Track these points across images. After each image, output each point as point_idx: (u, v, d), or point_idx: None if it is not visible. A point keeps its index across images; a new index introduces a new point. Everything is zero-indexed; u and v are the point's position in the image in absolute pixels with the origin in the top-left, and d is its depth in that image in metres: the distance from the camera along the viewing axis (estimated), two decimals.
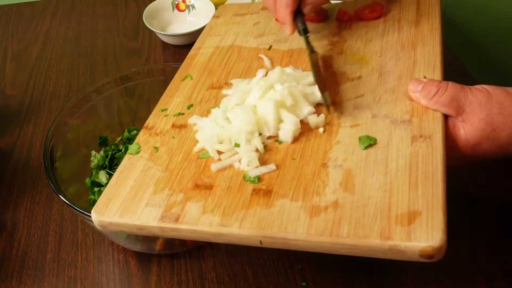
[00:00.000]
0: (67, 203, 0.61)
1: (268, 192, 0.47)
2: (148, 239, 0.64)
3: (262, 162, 0.51)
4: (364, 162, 0.48)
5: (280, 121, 0.54)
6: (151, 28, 1.04)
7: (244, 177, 0.49)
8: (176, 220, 0.46)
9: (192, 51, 0.70)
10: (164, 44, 1.08)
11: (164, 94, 0.63)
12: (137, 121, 0.81)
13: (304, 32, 0.64)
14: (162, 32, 1.04)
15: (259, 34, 0.71)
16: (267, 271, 0.65)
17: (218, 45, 0.70)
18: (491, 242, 0.66)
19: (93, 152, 0.76)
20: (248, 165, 0.50)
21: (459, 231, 0.54)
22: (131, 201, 0.49)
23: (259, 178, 0.49)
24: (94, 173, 0.74)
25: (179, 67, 0.78)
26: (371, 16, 0.67)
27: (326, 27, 0.69)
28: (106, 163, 0.75)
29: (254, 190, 0.48)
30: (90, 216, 0.59)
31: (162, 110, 0.60)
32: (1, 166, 0.83)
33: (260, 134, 0.54)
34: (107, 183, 0.71)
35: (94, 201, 0.70)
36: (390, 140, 0.49)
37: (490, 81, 0.54)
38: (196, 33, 0.95)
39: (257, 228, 0.44)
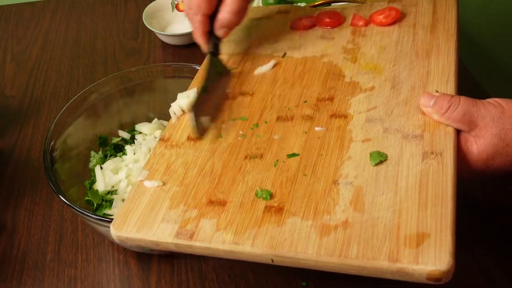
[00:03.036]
0: (67, 203, 0.60)
1: (279, 210, 0.47)
2: None
3: (274, 179, 0.50)
4: (374, 180, 0.47)
5: None
6: (150, 28, 1.04)
7: (256, 194, 0.49)
8: (191, 237, 0.46)
9: (206, 59, 0.68)
10: (164, 44, 1.08)
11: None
12: (137, 121, 0.81)
13: (213, 54, 0.64)
14: (161, 32, 1.04)
15: (273, 40, 0.69)
16: (268, 271, 0.65)
17: (233, 52, 0.69)
18: (494, 246, 0.66)
19: (93, 153, 0.76)
20: None
21: (463, 235, 0.54)
22: (148, 216, 0.49)
23: (271, 195, 0.49)
24: (93, 174, 0.74)
25: (179, 67, 0.78)
26: (386, 22, 0.66)
27: (341, 33, 0.67)
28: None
29: (266, 207, 0.48)
30: (90, 216, 0.59)
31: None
32: (1, 166, 0.83)
33: None
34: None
35: (90, 201, 0.70)
36: (401, 156, 0.49)
37: (490, 82, 0.54)
38: None
39: (268, 247, 0.44)
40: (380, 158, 0.49)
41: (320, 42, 0.67)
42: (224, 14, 0.62)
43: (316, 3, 0.93)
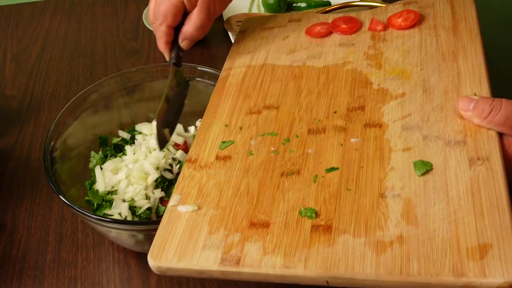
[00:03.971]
0: (67, 204, 0.60)
1: (328, 228, 0.45)
2: (149, 239, 0.64)
3: (317, 196, 0.48)
4: (423, 190, 0.46)
5: None
6: (150, 28, 1.04)
7: (300, 213, 0.47)
8: (237, 263, 0.44)
9: (223, 73, 0.67)
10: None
11: (202, 122, 0.61)
12: (137, 121, 0.81)
13: (175, 65, 0.67)
14: None
15: (290, 49, 0.68)
16: None
17: (250, 64, 0.67)
18: None
19: (93, 153, 0.76)
20: None
21: None
22: (187, 243, 0.47)
23: (316, 213, 0.47)
24: (93, 174, 0.74)
25: None
26: (405, 25, 0.65)
27: (360, 39, 0.66)
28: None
29: (313, 226, 0.46)
30: (90, 216, 0.59)
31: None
32: (1, 166, 0.82)
33: None
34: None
35: (90, 201, 0.70)
36: (446, 164, 0.47)
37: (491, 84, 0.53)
38: None
39: (322, 268, 0.42)
40: (425, 168, 0.48)
41: (340, 49, 0.65)
42: (188, 28, 0.66)
43: (327, 9, 0.93)
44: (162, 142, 0.62)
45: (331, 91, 0.60)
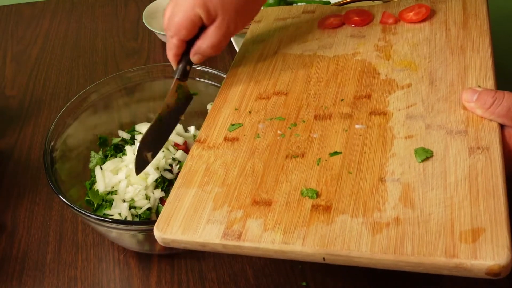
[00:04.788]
0: (67, 204, 0.60)
1: (327, 208, 0.47)
2: (149, 239, 0.64)
3: (319, 178, 0.50)
4: (422, 176, 0.47)
5: None
6: (150, 29, 1.04)
7: (301, 193, 0.49)
8: (239, 237, 0.46)
9: (235, 60, 0.69)
10: (164, 44, 1.08)
11: (213, 105, 0.62)
12: (137, 121, 0.81)
13: (178, 79, 0.64)
14: (161, 33, 1.04)
15: (302, 39, 0.69)
16: (268, 271, 0.65)
17: (262, 52, 0.69)
18: None
19: (93, 153, 0.76)
20: None
21: None
22: (192, 217, 0.49)
23: (317, 193, 0.48)
24: (93, 174, 0.74)
25: None
26: (416, 19, 0.66)
27: (371, 31, 0.67)
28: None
29: (313, 206, 0.47)
30: (90, 217, 0.59)
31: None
32: (1, 167, 0.83)
33: None
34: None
35: (90, 201, 0.70)
36: (446, 152, 0.49)
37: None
38: None
39: (320, 245, 0.44)
40: (426, 155, 0.49)
41: (351, 40, 0.67)
42: (203, 44, 0.61)
43: (342, 2, 0.93)
44: (141, 166, 0.62)
45: (339, 80, 0.61)
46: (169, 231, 0.48)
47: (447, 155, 0.48)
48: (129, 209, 0.68)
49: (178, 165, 0.72)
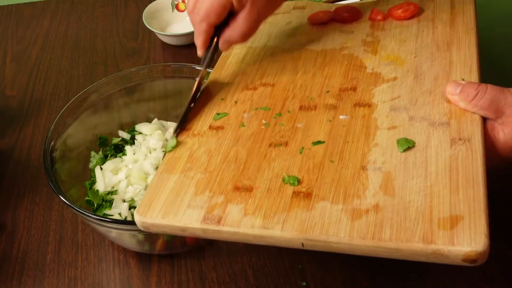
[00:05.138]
0: (67, 204, 0.60)
1: (308, 195, 0.47)
2: (149, 239, 0.64)
3: (301, 166, 0.50)
4: (403, 165, 0.48)
5: None
6: (150, 29, 1.04)
7: (283, 180, 0.49)
8: (218, 222, 0.47)
9: (224, 52, 0.69)
10: (164, 44, 1.08)
11: (199, 96, 0.62)
12: (137, 121, 0.81)
13: (205, 65, 0.62)
14: (161, 33, 1.04)
15: (291, 34, 0.70)
16: (268, 271, 0.65)
17: (251, 45, 0.69)
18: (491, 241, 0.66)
19: (93, 153, 0.76)
20: None
21: None
22: (173, 202, 0.49)
23: (298, 181, 0.49)
24: (93, 174, 0.74)
25: (179, 67, 0.78)
26: (404, 16, 0.67)
27: (359, 27, 0.68)
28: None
29: (294, 192, 0.48)
30: (90, 217, 0.59)
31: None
32: (1, 167, 0.83)
33: None
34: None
35: (90, 201, 0.70)
36: (428, 142, 0.49)
37: (490, 80, 0.54)
38: None
39: (298, 230, 0.44)
40: (407, 145, 0.49)
41: (339, 35, 0.68)
42: (233, 32, 0.59)
43: (332, 0, 0.93)
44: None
45: (326, 72, 0.62)
46: (149, 215, 0.49)
47: (429, 146, 0.49)
48: (129, 209, 0.68)
49: None
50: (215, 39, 0.61)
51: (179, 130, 0.58)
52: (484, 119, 0.51)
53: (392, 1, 0.71)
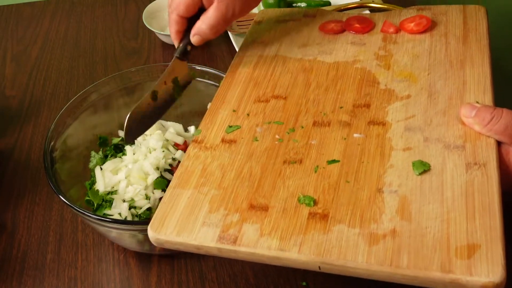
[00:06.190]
0: (67, 204, 0.61)
1: (324, 217, 0.47)
2: (149, 239, 0.64)
3: (316, 185, 0.50)
4: (419, 189, 0.48)
5: None
6: (150, 28, 1.04)
7: (299, 200, 0.49)
8: (234, 242, 0.46)
9: (235, 60, 0.69)
10: (164, 44, 1.08)
11: (211, 105, 0.62)
12: None
13: (179, 58, 0.65)
14: (161, 32, 1.04)
15: (303, 43, 0.69)
16: (268, 271, 0.65)
17: (262, 54, 0.68)
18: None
19: (93, 153, 0.76)
20: None
21: None
22: (187, 219, 0.49)
23: (314, 201, 0.48)
24: (93, 174, 0.74)
25: None
26: (417, 30, 0.66)
27: (371, 39, 0.68)
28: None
29: (310, 213, 0.47)
30: (90, 216, 0.59)
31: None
32: (1, 167, 0.83)
33: None
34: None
35: (90, 201, 0.70)
36: (444, 166, 0.49)
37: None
38: None
39: (316, 254, 0.44)
40: (423, 168, 0.49)
41: (351, 47, 0.67)
42: (201, 24, 0.63)
43: (342, 8, 0.93)
44: (130, 137, 0.62)
45: (339, 87, 0.61)
46: (163, 231, 0.48)
47: (445, 170, 0.49)
48: (129, 209, 0.68)
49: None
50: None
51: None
52: (499, 143, 0.50)
53: (404, 13, 0.70)
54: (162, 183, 0.69)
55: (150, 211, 0.68)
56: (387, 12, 0.72)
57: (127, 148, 0.75)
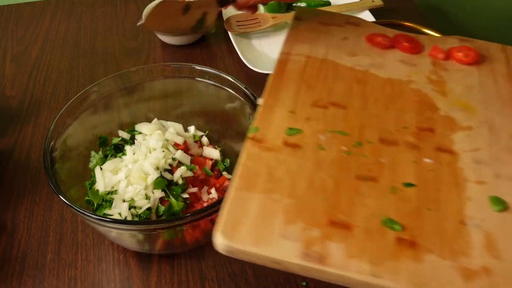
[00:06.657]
0: (67, 204, 0.60)
1: (412, 244, 0.45)
2: (149, 239, 0.64)
3: (396, 208, 0.48)
4: (502, 226, 0.46)
5: None
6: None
7: (382, 222, 0.46)
8: (320, 260, 0.43)
9: (281, 56, 0.66)
10: (164, 44, 1.08)
11: (264, 102, 0.59)
12: (137, 121, 0.81)
13: (220, 2, 0.62)
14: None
15: (351, 52, 0.68)
16: (267, 271, 0.65)
17: (310, 54, 0.67)
18: None
19: (93, 153, 0.76)
20: None
21: None
22: (262, 227, 0.44)
23: (402, 227, 0.46)
24: (93, 174, 0.74)
25: (179, 67, 0.78)
26: (466, 61, 0.66)
27: (421, 61, 0.67)
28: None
29: (396, 239, 0.45)
30: (90, 216, 0.59)
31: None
32: (1, 167, 0.83)
33: None
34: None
35: (90, 201, 0.70)
36: None
37: None
38: None
39: (412, 285, 0.42)
40: (502, 205, 0.48)
41: (402, 66, 0.66)
42: None
43: (382, 21, 0.93)
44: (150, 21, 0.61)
45: (398, 105, 0.60)
46: (236, 239, 0.43)
47: None
48: (129, 209, 0.68)
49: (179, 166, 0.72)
50: None
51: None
52: None
53: (449, 41, 0.70)
54: (162, 183, 0.69)
55: (150, 211, 0.68)
56: (430, 37, 0.72)
57: (127, 148, 0.75)
